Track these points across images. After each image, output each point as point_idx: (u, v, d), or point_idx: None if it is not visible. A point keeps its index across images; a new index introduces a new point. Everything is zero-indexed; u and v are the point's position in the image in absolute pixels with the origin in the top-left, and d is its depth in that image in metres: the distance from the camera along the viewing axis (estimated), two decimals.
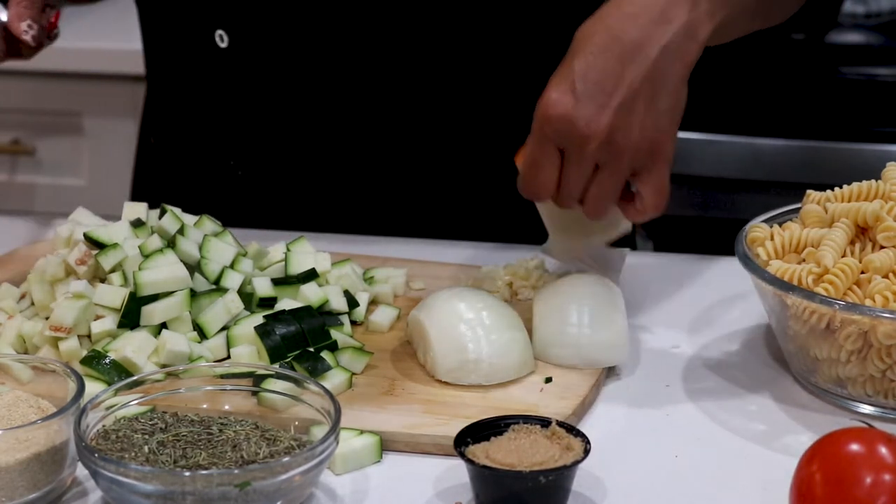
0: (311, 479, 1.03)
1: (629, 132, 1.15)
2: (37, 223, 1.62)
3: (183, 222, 1.29)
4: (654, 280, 1.41)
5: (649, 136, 1.15)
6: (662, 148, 1.16)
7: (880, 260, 1.15)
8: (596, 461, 1.09)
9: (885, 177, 1.23)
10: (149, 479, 0.99)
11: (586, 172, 1.17)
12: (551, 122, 1.15)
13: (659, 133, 1.16)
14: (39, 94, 2.35)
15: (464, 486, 1.05)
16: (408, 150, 1.49)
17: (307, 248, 1.33)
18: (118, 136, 2.35)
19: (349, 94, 1.46)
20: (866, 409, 1.16)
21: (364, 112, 1.47)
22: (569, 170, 1.17)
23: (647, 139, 1.15)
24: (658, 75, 1.15)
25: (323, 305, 1.26)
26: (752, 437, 1.14)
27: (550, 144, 1.17)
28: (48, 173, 2.40)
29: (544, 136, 1.16)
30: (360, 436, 1.11)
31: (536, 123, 1.17)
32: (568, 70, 1.15)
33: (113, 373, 1.17)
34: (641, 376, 1.23)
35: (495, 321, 1.20)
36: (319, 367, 1.18)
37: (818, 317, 1.14)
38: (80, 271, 1.24)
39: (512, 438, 1.05)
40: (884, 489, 0.93)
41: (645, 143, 1.15)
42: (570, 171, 1.17)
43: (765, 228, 1.23)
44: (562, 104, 1.15)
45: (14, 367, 1.15)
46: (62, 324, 1.19)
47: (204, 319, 1.23)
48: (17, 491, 1.03)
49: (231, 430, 1.05)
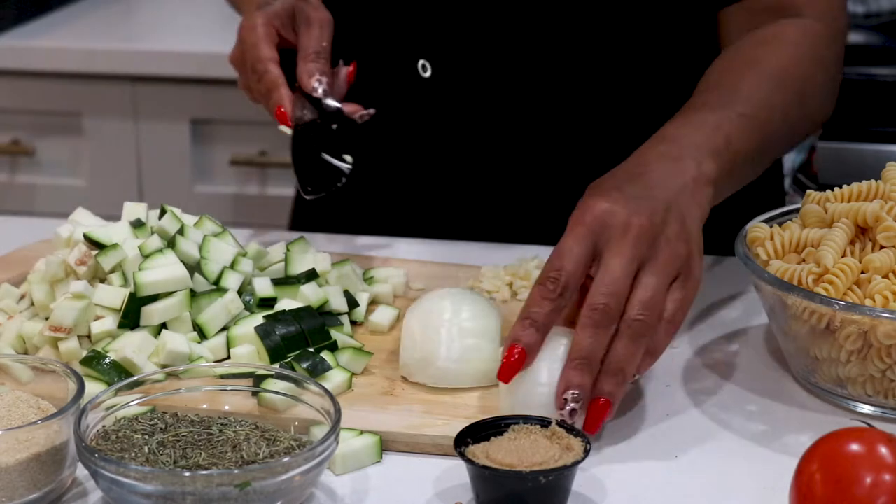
0: (311, 480, 1.03)
1: (671, 233, 1.14)
2: (37, 224, 1.62)
3: (183, 223, 1.29)
4: None
5: (686, 241, 1.15)
6: (695, 258, 1.15)
7: (880, 260, 1.15)
8: (596, 461, 1.09)
9: (885, 177, 1.23)
10: (149, 479, 0.99)
11: (632, 267, 1.12)
12: (595, 213, 1.13)
13: (691, 244, 1.15)
14: (39, 94, 2.35)
15: (464, 487, 1.05)
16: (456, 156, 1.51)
17: (307, 249, 1.33)
18: (118, 137, 2.36)
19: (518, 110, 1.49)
20: (866, 409, 1.16)
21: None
22: (614, 261, 1.11)
23: (685, 243, 1.15)
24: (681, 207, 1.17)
25: (323, 306, 1.26)
26: (752, 437, 1.14)
27: (589, 239, 1.12)
28: (48, 174, 2.40)
29: (586, 226, 1.13)
30: (360, 436, 1.11)
31: (576, 218, 1.14)
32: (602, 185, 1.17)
33: (113, 373, 1.17)
34: (641, 376, 1.23)
35: (470, 327, 1.18)
36: (319, 368, 1.18)
37: (818, 317, 1.14)
38: (79, 272, 1.24)
39: (512, 439, 1.05)
40: (884, 489, 0.93)
41: (684, 248, 1.14)
42: (615, 265, 1.11)
43: (765, 228, 1.23)
44: (607, 203, 1.14)
45: (14, 368, 1.15)
46: (62, 324, 1.19)
47: (204, 320, 1.23)
48: (17, 491, 1.03)
49: (231, 431, 1.05)
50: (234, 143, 2.34)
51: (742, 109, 1.28)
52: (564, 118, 1.48)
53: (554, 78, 1.46)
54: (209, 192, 2.36)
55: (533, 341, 1.10)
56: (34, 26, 2.42)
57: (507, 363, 1.09)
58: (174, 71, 2.30)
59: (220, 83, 2.28)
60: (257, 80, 1.36)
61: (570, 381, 1.08)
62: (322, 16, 1.37)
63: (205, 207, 2.09)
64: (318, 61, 1.35)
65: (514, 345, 1.10)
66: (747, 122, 1.28)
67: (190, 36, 2.40)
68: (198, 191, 2.36)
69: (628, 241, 1.12)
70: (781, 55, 1.35)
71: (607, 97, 1.48)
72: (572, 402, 1.08)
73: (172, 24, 2.49)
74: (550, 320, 1.11)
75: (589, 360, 1.09)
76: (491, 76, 1.47)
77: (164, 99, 2.33)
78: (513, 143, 1.50)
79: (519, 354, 1.09)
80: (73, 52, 2.32)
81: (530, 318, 1.10)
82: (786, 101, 1.33)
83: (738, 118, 1.27)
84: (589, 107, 1.48)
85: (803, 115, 1.37)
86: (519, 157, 1.50)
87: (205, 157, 2.36)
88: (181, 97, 2.32)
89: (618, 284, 1.10)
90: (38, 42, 2.34)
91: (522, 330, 1.10)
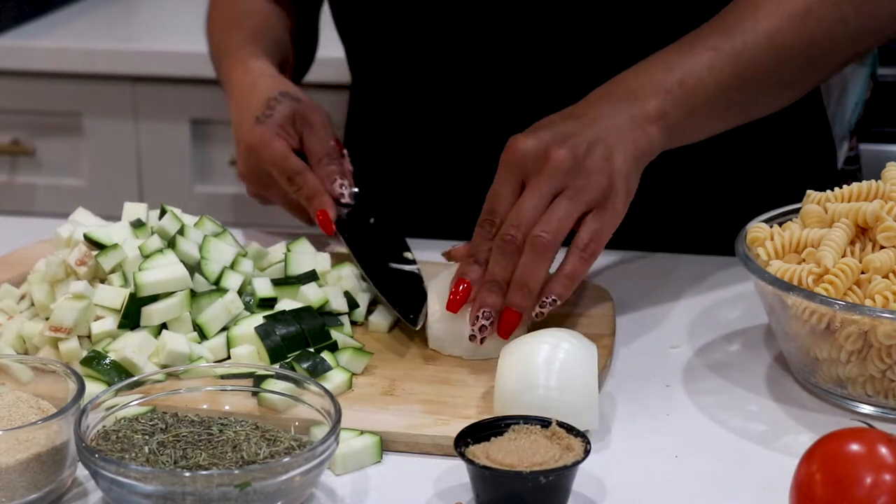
0: (311, 480, 1.03)
1: (591, 165, 1.21)
2: (37, 224, 1.62)
3: (183, 223, 1.29)
4: (654, 280, 1.41)
5: (608, 175, 1.22)
6: (618, 192, 1.22)
7: (880, 260, 1.15)
8: (596, 461, 1.09)
9: (885, 177, 1.23)
10: (149, 479, 0.99)
11: (544, 200, 1.21)
12: (517, 152, 1.22)
13: (615, 178, 1.22)
14: (39, 95, 2.35)
15: (464, 487, 1.05)
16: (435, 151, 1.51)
17: (307, 249, 1.33)
18: (118, 137, 2.35)
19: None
20: (866, 409, 1.16)
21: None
22: (528, 195, 1.21)
23: (605, 176, 1.22)
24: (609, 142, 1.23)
25: (323, 306, 1.26)
26: (752, 437, 1.14)
27: (514, 177, 1.23)
28: (48, 174, 2.40)
29: (510, 166, 1.23)
30: (360, 436, 1.11)
31: (503, 159, 1.23)
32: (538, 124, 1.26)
33: (113, 373, 1.17)
34: (641, 376, 1.23)
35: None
36: (319, 368, 1.18)
37: (818, 317, 1.14)
38: (80, 272, 1.24)
39: (512, 439, 1.05)
40: (884, 489, 0.93)
41: (604, 180, 1.21)
42: (527, 197, 1.21)
43: (765, 228, 1.23)
44: (531, 140, 1.23)
45: (14, 368, 1.15)
46: (62, 324, 1.19)
47: (204, 320, 1.23)
48: (18, 491, 1.03)
49: (231, 431, 1.05)
50: (234, 143, 2.33)
51: (713, 42, 1.28)
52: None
53: (558, 74, 1.46)
54: (209, 192, 2.36)
55: (476, 276, 1.23)
56: (34, 26, 2.42)
57: (453, 297, 1.22)
58: (174, 71, 2.30)
59: (220, 83, 2.28)
60: (296, 190, 1.39)
61: (482, 301, 1.21)
62: (322, 116, 1.42)
63: (205, 207, 2.09)
64: (332, 163, 1.40)
65: (462, 279, 1.23)
66: (716, 55, 1.27)
67: (190, 36, 2.40)
68: (198, 191, 2.36)
69: (544, 175, 1.21)
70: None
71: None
72: (483, 320, 1.21)
73: (172, 24, 2.49)
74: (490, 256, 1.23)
75: (498, 282, 1.21)
76: (494, 73, 1.47)
77: (164, 99, 2.33)
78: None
79: (465, 288, 1.22)
80: (73, 52, 2.32)
81: (474, 257, 1.23)
82: (780, 23, 1.29)
83: (705, 52, 1.27)
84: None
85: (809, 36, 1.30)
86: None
87: (205, 157, 2.36)
88: (181, 97, 2.31)
89: (525, 215, 1.21)
90: (38, 42, 2.34)
91: (468, 267, 1.23)
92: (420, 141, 1.55)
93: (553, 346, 1.13)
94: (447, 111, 1.51)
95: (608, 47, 1.44)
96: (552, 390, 1.10)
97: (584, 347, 1.14)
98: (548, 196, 1.21)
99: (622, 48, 1.44)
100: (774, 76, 1.32)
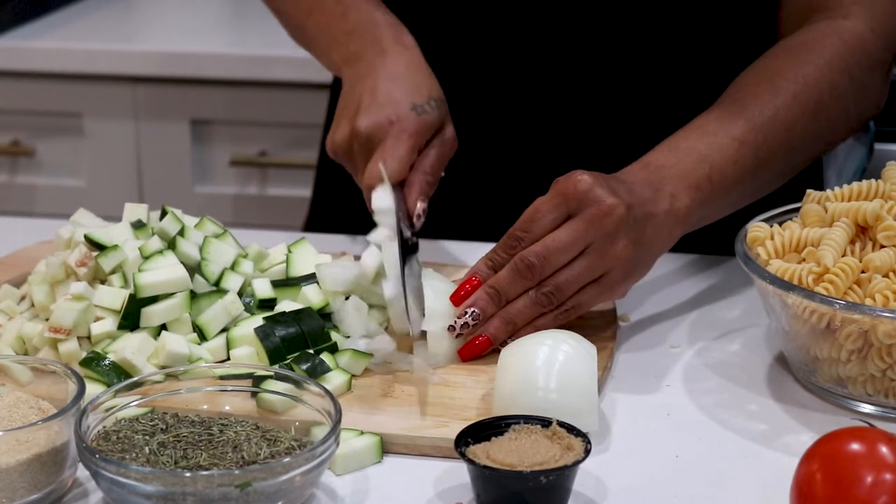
0: (311, 480, 1.03)
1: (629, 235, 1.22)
2: (37, 225, 1.62)
3: (183, 224, 1.29)
4: (654, 280, 1.41)
5: (633, 260, 1.23)
6: (629, 277, 1.24)
7: (880, 259, 1.15)
8: (596, 461, 1.09)
9: (885, 176, 1.23)
10: (149, 479, 0.99)
11: (577, 246, 1.21)
12: (582, 190, 1.21)
13: (636, 265, 1.24)
14: (39, 95, 2.35)
15: (464, 487, 1.05)
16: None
17: (308, 250, 1.33)
18: (118, 137, 2.35)
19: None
20: (867, 408, 1.16)
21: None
22: (566, 230, 1.20)
23: (631, 258, 1.23)
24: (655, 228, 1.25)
25: (323, 307, 1.26)
26: (752, 437, 1.14)
27: (564, 208, 1.22)
28: (48, 174, 2.40)
29: (567, 197, 1.21)
30: (360, 436, 1.11)
31: (564, 188, 1.22)
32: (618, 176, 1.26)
33: (112, 374, 1.17)
34: (641, 376, 1.23)
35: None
36: (319, 369, 1.18)
37: (818, 316, 1.14)
38: (80, 273, 1.24)
39: (512, 438, 1.05)
40: (884, 488, 0.93)
41: (627, 260, 1.22)
42: (565, 232, 1.20)
43: (765, 228, 1.23)
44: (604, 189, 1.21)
45: (14, 369, 1.15)
46: (62, 325, 1.19)
47: (204, 321, 1.23)
48: (18, 492, 1.03)
49: (232, 431, 1.05)
50: (234, 143, 2.34)
51: (739, 133, 1.30)
52: (590, 125, 1.49)
53: (569, 78, 1.46)
54: (209, 192, 2.36)
55: (486, 276, 1.23)
56: (34, 27, 2.42)
57: (459, 292, 1.23)
58: (174, 71, 2.29)
59: (220, 83, 2.28)
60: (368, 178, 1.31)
61: (476, 301, 1.22)
62: (455, 143, 1.36)
63: (205, 208, 2.09)
64: (429, 184, 1.32)
65: (472, 278, 1.23)
66: (741, 148, 1.29)
67: (190, 36, 2.40)
68: (198, 191, 2.36)
69: (594, 224, 1.20)
70: (803, 65, 1.34)
71: (640, 104, 1.48)
72: (469, 318, 1.22)
73: (172, 24, 2.49)
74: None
75: (500, 294, 1.22)
76: (520, 79, 1.48)
77: (164, 99, 2.33)
78: (533, 148, 1.51)
79: (476, 282, 1.23)
80: (74, 53, 2.32)
81: (492, 262, 1.24)
82: (796, 117, 1.33)
83: (731, 144, 1.29)
84: (618, 113, 1.48)
85: (818, 129, 1.36)
86: (540, 160, 1.50)
87: (205, 158, 2.36)
88: (181, 97, 2.31)
89: (556, 255, 1.21)
90: (38, 43, 2.34)
91: (482, 268, 1.24)
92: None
93: (552, 347, 1.12)
94: (461, 113, 1.51)
95: (625, 52, 1.45)
96: (551, 392, 1.10)
97: (583, 349, 1.14)
98: (582, 243, 1.21)
99: (638, 52, 1.45)
100: (785, 165, 1.35)
